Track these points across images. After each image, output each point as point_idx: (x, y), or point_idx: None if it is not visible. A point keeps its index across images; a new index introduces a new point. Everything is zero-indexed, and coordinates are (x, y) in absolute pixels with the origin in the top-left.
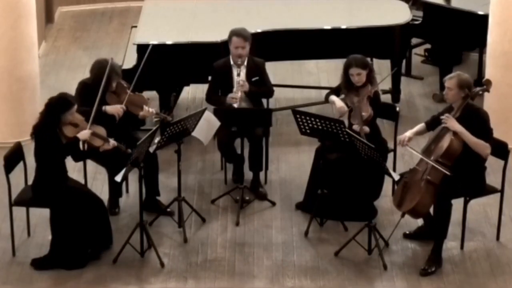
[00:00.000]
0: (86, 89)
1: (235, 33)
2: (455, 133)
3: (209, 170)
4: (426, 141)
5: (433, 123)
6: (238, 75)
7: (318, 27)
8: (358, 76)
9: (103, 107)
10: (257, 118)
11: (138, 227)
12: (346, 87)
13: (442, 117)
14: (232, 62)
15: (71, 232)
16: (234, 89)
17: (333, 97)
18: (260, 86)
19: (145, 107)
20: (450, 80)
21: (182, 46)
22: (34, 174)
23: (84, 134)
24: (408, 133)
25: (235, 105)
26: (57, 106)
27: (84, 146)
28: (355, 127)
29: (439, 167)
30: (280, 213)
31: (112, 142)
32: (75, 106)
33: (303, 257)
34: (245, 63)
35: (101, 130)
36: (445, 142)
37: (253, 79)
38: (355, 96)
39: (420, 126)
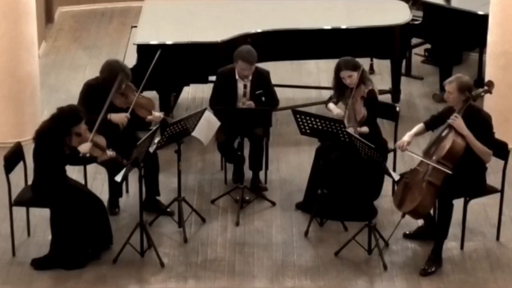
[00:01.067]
0: (92, 90)
1: (241, 57)
2: (457, 135)
3: (209, 170)
4: (427, 142)
5: (432, 122)
6: (244, 95)
7: (318, 27)
8: (350, 78)
9: (108, 115)
10: (257, 118)
11: (138, 227)
12: (338, 90)
13: (451, 117)
14: (237, 76)
15: (71, 232)
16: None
17: (330, 105)
18: (265, 98)
19: (154, 112)
20: (450, 84)
21: (182, 46)
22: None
23: (84, 148)
24: (406, 137)
25: None
26: (68, 120)
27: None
28: (350, 130)
29: (440, 167)
30: (280, 213)
31: (110, 154)
32: (84, 120)
33: (303, 257)
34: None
35: (102, 140)
36: (447, 143)
37: (257, 92)
38: (348, 98)
39: (419, 126)
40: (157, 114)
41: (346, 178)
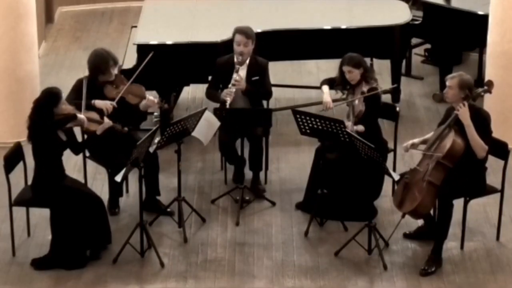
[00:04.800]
0: (84, 84)
1: (237, 30)
2: (457, 135)
3: (209, 170)
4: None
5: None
6: (237, 71)
7: (318, 27)
8: (350, 74)
9: (92, 101)
10: (257, 118)
11: (138, 227)
12: (341, 84)
13: (459, 104)
14: (235, 60)
15: (71, 232)
16: (230, 85)
17: (324, 88)
18: (259, 87)
19: (149, 97)
20: (452, 80)
21: (182, 46)
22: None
23: (82, 118)
24: (414, 140)
25: (228, 101)
26: (47, 102)
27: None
28: (348, 125)
29: (430, 153)
30: (280, 213)
31: (107, 121)
32: (63, 95)
33: (303, 257)
34: (247, 61)
35: (94, 115)
36: (448, 142)
37: (253, 79)
38: (351, 93)
39: (429, 135)
40: (152, 98)
41: (346, 178)
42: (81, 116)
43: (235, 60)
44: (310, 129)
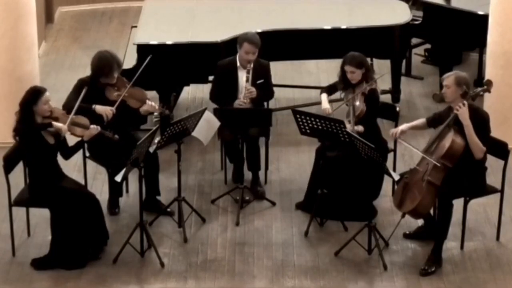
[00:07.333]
0: (85, 86)
1: (247, 39)
2: (456, 134)
3: (209, 170)
4: (427, 142)
5: (434, 120)
6: (247, 81)
7: (318, 27)
8: (352, 74)
9: (93, 106)
10: (257, 118)
11: (138, 227)
12: (343, 83)
13: (458, 104)
14: (238, 64)
15: (70, 232)
16: (242, 95)
17: (323, 96)
18: (264, 89)
19: (148, 102)
20: (448, 78)
21: (182, 46)
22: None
23: (62, 128)
24: (403, 126)
25: None
26: (28, 99)
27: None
28: (348, 127)
29: (427, 157)
30: (280, 213)
31: (94, 127)
32: (47, 93)
33: (303, 257)
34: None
35: (82, 119)
36: (447, 142)
37: (258, 82)
38: (351, 93)
39: (420, 121)
40: (153, 104)
41: (346, 178)
42: (58, 125)
43: (239, 64)
44: (310, 129)
